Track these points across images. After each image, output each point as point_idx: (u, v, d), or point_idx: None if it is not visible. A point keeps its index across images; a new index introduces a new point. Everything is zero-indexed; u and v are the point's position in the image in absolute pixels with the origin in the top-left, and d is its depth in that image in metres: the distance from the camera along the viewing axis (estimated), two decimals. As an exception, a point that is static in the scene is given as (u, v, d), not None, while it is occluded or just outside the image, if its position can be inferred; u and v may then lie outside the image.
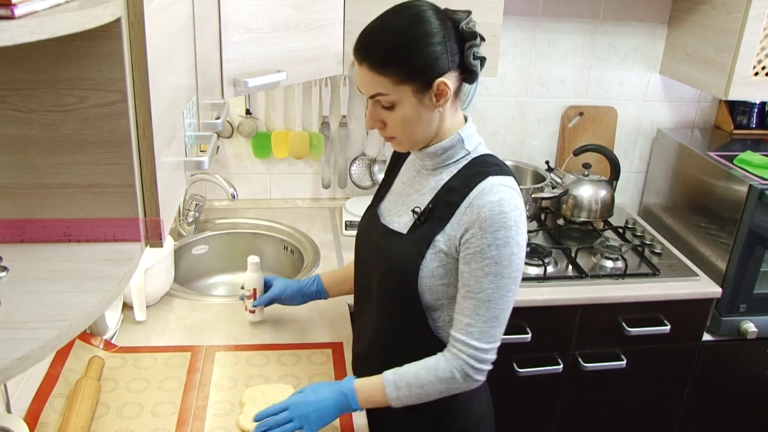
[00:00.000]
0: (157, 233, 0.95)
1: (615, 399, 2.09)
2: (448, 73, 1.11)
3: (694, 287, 1.96)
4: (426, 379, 1.16)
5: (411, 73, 1.09)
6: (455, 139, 1.18)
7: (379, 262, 1.25)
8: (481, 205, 1.10)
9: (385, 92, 1.12)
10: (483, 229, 1.10)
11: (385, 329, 1.28)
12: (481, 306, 1.12)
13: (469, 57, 1.12)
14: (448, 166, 1.20)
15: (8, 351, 0.70)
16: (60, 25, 0.67)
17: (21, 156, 0.87)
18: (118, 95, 0.84)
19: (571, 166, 2.29)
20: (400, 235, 1.22)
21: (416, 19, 1.09)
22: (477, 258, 1.11)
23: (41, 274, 0.85)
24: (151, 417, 1.29)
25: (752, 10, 1.88)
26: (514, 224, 1.10)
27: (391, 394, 1.17)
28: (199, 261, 2.09)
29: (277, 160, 2.28)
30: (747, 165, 2.03)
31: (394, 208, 1.27)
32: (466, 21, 1.12)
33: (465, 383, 1.16)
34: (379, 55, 1.10)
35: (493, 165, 1.17)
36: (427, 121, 1.15)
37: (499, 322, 1.13)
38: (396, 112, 1.14)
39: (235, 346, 1.52)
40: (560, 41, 2.27)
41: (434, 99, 1.12)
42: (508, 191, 1.12)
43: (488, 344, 1.13)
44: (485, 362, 1.15)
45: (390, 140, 1.20)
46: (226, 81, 1.49)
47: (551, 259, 1.98)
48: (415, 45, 1.08)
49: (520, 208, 1.12)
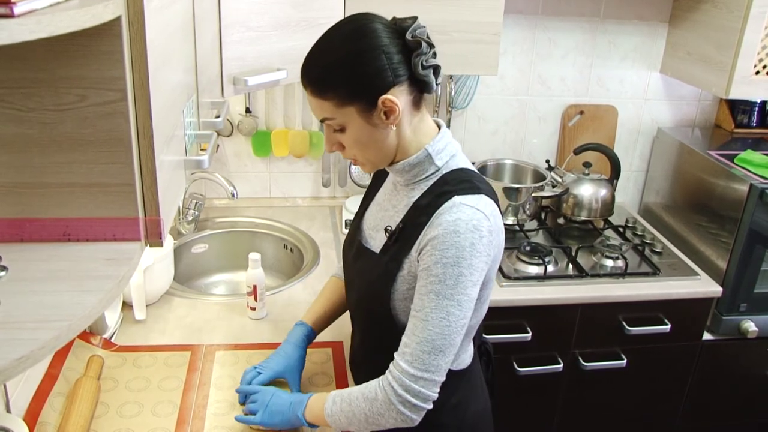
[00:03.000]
0: (157, 232, 0.95)
1: (615, 398, 2.09)
2: (394, 88, 1.04)
3: (694, 286, 1.96)
4: (355, 395, 1.11)
5: (351, 94, 1.04)
6: (422, 155, 1.12)
7: (357, 281, 1.25)
8: (438, 224, 1.05)
9: (331, 116, 1.07)
10: (434, 247, 1.04)
11: (366, 343, 1.29)
12: (418, 325, 1.05)
13: (417, 67, 1.05)
14: (419, 182, 1.15)
15: (7, 351, 0.70)
16: (59, 23, 0.66)
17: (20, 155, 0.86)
18: (117, 94, 0.84)
19: (572, 165, 2.29)
20: (373, 255, 1.19)
21: (351, 36, 1.05)
22: (423, 275, 1.06)
23: (40, 274, 0.85)
24: (151, 416, 1.29)
25: (753, 8, 1.87)
26: (469, 246, 1.03)
27: (327, 409, 1.14)
28: (199, 260, 2.08)
29: (277, 159, 2.27)
30: (747, 164, 2.03)
31: (374, 221, 1.25)
32: (411, 29, 1.05)
33: (389, 410, 1.06)
34: (316, 79, 1.06)
35: (462, 182, 1.10)
36: (382, 139, 1.09)
37: (434, 348, 1.04)
38: (348, 135, 1.09)
39: (235, 345, 1.52)
40: (561, 40, 2.27)
41: (384, 117, 1.06)
42: (470, 211, 1.05)
43: (418, 371, 1.04)
44: (412, 393, 1.04)
45: (354, 162, 1.17)
46: (226, 79, 1.49)
47: (551, 258, 1.98)
48: (351, 64, 1.03)
49: (481, 230, 1.04)
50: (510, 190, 2.10)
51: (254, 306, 1.61)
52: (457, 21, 1.78)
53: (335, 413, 1.13)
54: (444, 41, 1.79)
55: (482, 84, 2.26)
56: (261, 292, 1.60)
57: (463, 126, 2.33)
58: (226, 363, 1.46)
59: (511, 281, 1.88)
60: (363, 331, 1.30)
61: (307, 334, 1.38)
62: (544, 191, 2.12)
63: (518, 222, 2.14)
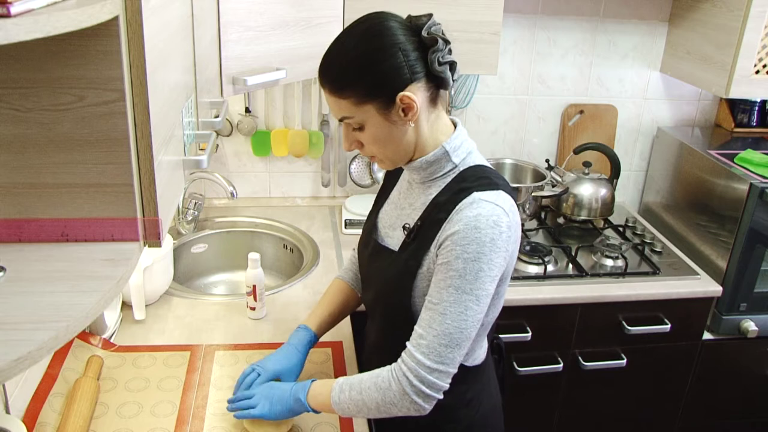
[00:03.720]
0: (155, 233, 0.94)
1: (615, 398, 2.09)
2: (411, 85, 1.06)
3: (694, 286, 1.96)
4: (366, 384, 1.11)
5: (369, 92, 1.05)
6: (439, 153, 1.14)
7: (375, 280, 1.25)
8: (458, 220, 1.06)
9: (350, 114, 1.09)
10: (454, 242, 1.05)
11: (383, 341, 1.29)
12: (436, 318, 1.06)
13: (434, 64, 1.07)
14: (436, 180, 1.16)
15: (5, 352, 0.69)
16: (56, 23, 0.66)
17: (18, 155, 0.86)
18: (116, 94, 0.83)
19: (572, 165, 2.29)
20: (392, 253, 1.20)
21: (368, 34, 1.05)
22: (443, 269, 1.07)
23: (39, 274, 0.84)
24: (151, 416, 1.29)
25: (753, 8, 1.87)
26: (489, 241, 1.04)
27: (334, 397, 1.14)
28: (199, 260, 2.08)
29: (276, 159, 2.27)
30: (747, 163, 2.03)
31: (389, 220, 1.26)
32: (427, 27, 1.06)
33: (402, 400, 1.08)
34: (334, 78, 1.07)
35: (480, 179, 1.11)
36: (400, 137, 1.11)
37: (452, 342, 1.06)
38: (366, 133, 1.10)
39: (234, 345, 1.52)
40: (560, 39, 2.27)
41: (402, 114, 1.07)
42: (489, 207, 1.06)
43: (434, 363, 1.06)
44: (427, 383, 1.06)
45: (372, 160, 1.18)
46: (225, 79, 1.48)
47: (551, 258, 1.97)
48: (369, 62, 1.04)
49: (501, 225, 1.06)
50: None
51: (254, 306, 1.61)
52: (456, 20, 1.78)
53: (343, 401, 1.13)
54: (443, 41, 1.79)
55: (482, 83, 2.26)
56: (260, 292, 1.60)
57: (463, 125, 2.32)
58: (226, 363, 1.46)
59: (511, 281, 1.86)
60: (381, 329, 1.29)
61: (309, 339, 1.37)
62: (544, 191, 2.12)
63: (518, 221, 2.14)
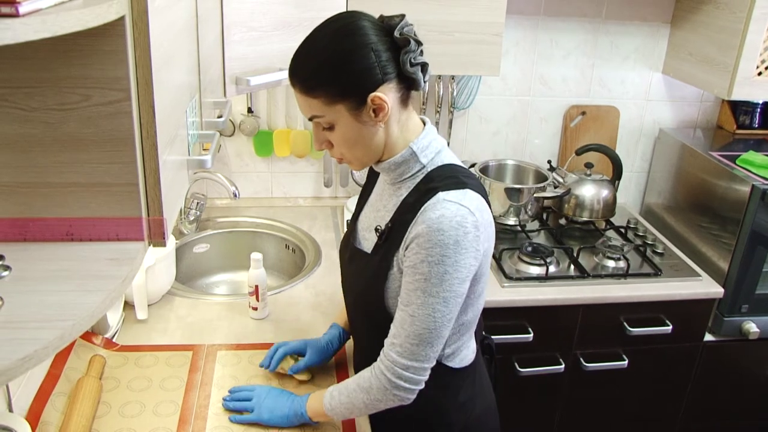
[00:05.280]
0: (160, 232, 0.95)
1: (616, 399, 2.09)
2: (383, 86, 1.04)
3: (696, 287, 1.96)
4: (351, 387, 1.16)
5: (340, 92, 1.04)
6: (407, 153, 1.13)
7: (352, 283, 1.27)
8: (422, 221, 1.06)
9: (320, 114, 1.07)
10: (419, 245, 1.05)
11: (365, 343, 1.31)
12: (406, 320, 1.08)
13: (405, 65, 1.05)
14: (406, 180, 1.15)
15: (10, 351, 0.70)
16: (64, 23, 0.66)
17: (24, 155, 0.86)
18: (121, 94, 0.84)
19: (573, 166, 2.29)
20: (365, 255, 1.20)
21: (340, 34, 1.04)
22: (410, 272, 1.07)
23: (44, 274, 0.85)
24: (153, 416, 1.29)
25: (756, 9, 1.87)
26: (453, 243, 1.03)
27: (326, 405, 1.19)
28: (201, 259, 2.08)
29: (278, 159, 2.27)
30: (749, 165, 2.03)
31: (367, 222, 1.26)
32: (399, 27, 1.05)
33: (385, 396, 1.12)
34: (305, 78, 1.06)
35: (448, 178, 1.10)
36: (370, 137, 1.10)
37: (422, 341, 1.08)
38: (336, 133, 1.09)
39: (236, 345, 1.52)
40: (562, 40, 2.27)
41: (372, 114, 1.06)
42: (453, 207, 1.05)
43: (408, 361, 1.09)
44: (404, 379, 1.10)
45: (341, 161, 1.16)
46: (229, 79, 1.49)
47: (553, 259, 1.97)
48: (340, 62, 1.03)
49: (465, 226, 1.04)
50: (512, 191, 2.10)
51: (256, 306, 1.61)
52: (459, 21, 1.78)
53: (335, 407, 1.18)
54: (446, 41, 1.79)
55: (484, 84, 2.26)
56: (263, 292, 1.60)
57: (464, 126, 2.33)
58: (228, 363, 1.46)
59: (513, 282, 1.88)
60: (363, 330, 1.31)
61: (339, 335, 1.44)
62: (546, 192, 2.12)
63: (520, 222, 2.14)
